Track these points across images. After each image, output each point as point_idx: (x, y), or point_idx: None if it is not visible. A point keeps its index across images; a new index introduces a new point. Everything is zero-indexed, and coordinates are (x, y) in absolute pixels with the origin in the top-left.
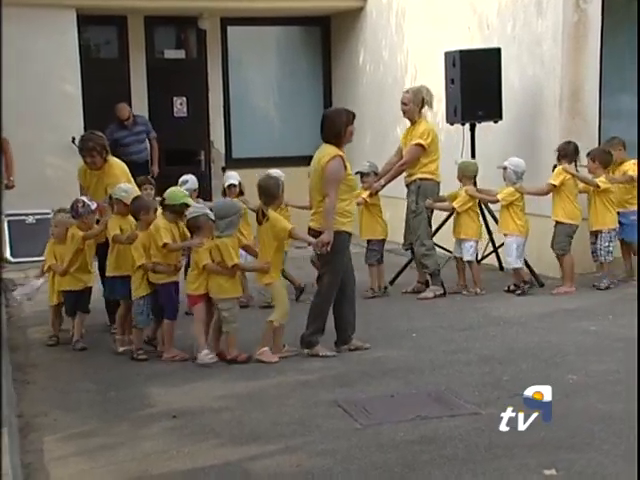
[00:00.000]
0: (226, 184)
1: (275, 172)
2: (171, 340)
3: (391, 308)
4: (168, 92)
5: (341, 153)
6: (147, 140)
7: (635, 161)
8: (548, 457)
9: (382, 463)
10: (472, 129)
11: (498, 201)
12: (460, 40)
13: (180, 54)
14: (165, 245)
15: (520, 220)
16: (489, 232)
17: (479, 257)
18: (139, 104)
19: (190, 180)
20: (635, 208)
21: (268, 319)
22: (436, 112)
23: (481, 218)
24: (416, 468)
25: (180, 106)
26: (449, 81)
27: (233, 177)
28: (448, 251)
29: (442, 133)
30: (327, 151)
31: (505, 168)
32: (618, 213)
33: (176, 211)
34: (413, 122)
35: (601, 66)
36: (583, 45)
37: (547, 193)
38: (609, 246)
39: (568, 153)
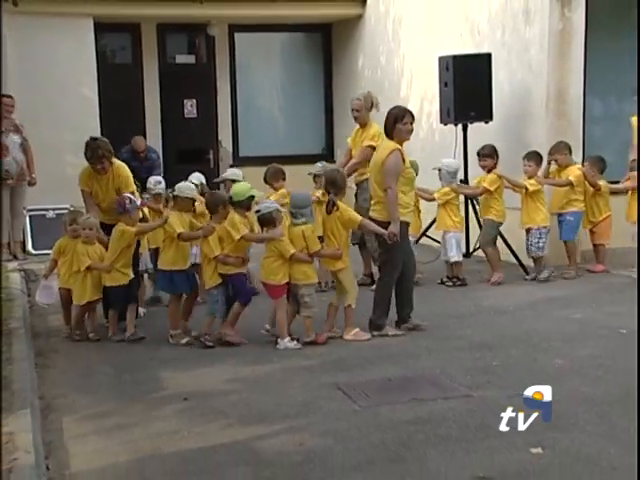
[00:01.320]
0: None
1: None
2: (234, 322)
3: None
4: (179, 95)
5: (399, 147)
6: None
7: (579, 166)
8: (535, 436)
9: (380, 442)
10: (464, 129)
11: (434, 199)
12: (453, 46)
13: (190, 59)
14: (242, 237)
15: (456, 217)
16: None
17: (471, 250)
18: (152, 106)
19: (196, 176)
20: (572, 210)
21: (345, 304)
22: (430, 113)
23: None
24: (412, 447)
25: (190, 108)
26: (443, 84)
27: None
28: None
29: (436, 133)
30: (386, 146)
31: (440, 169)
32: (559, 215)
33: (244, 205)
34: (363, 125)
35: (585, 70)
36: (568, 51)
37: (481, 194)
38: (539, 242)
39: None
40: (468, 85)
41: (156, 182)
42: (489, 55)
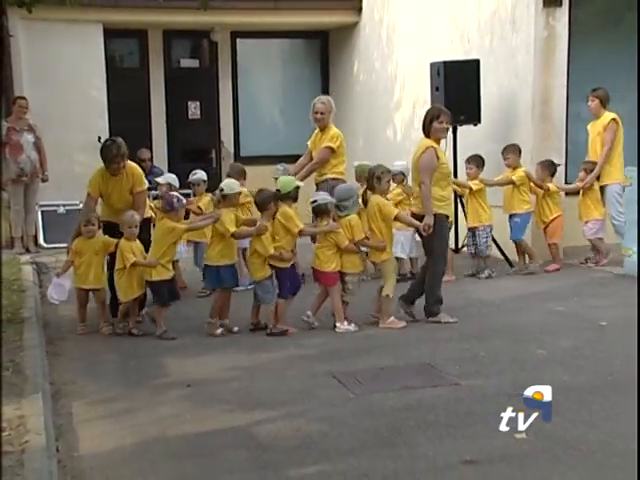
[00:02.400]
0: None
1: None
2: (283, 316)
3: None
4: (183, 97)
5: (434, 145)
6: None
7: (524, 168)
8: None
9: (373, 428)
10: (454, 131)
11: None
12: (444, 52)
13: (194, 63)
14: (301, 231)
15: None
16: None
17: (459, 246)
18: (158, 108)
19: (199, 172)
20: (519, 211)
21: (383, 294)
22: (421, 117)
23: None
24: (403, 432)
25: (194, 109)
26: (434, 88)
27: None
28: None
29: None
30: (421, 144)
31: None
32: (510, 215)
33: (291, 197)
34: (323, 128)
35: (568, 76)
36: (552, 58)
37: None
38: (487, 241)
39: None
40: (458, 90)
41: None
42: (478, 61)
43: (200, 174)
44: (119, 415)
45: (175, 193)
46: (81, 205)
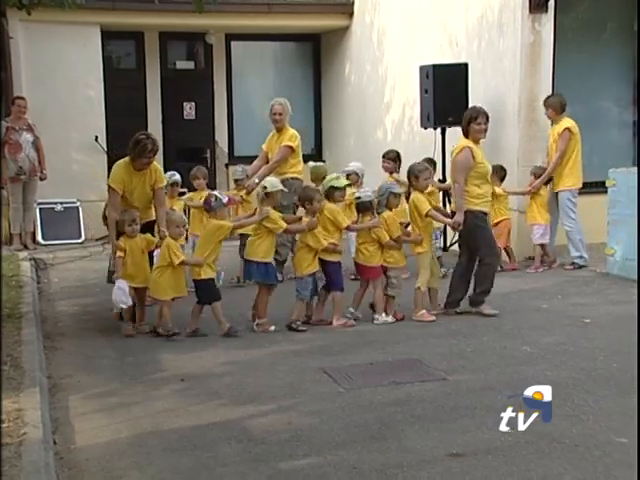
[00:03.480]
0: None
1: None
2: (340, 310)
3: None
4: (179, 98)
5: (470, 145)
6: None
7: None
8: None
9: (362, 422)
10: (443, 133)
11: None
12: (433, 56)
13: (190, 65)
14: (347, 227)
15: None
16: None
17: (448, 244)
18: (154, 108)
19: (176, 175)
20: None
21: (415, 286)
22: (411, 117)
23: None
24: (391, 426)
25: (189, 110)
26: (423, 91)
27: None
28: None
29: (417, 136)
30: (458, 144)
31: (348, 174)
32: None
33: (337, 194)
34: (280, 130)
35: (553, 80)
36: (538, 62)
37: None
38: (439, 242)
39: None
40: (446, 92)
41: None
42: (466, 65)
43: (177, 177)
44: (115, 409)
45: (215, 192)
46: (78, 203)
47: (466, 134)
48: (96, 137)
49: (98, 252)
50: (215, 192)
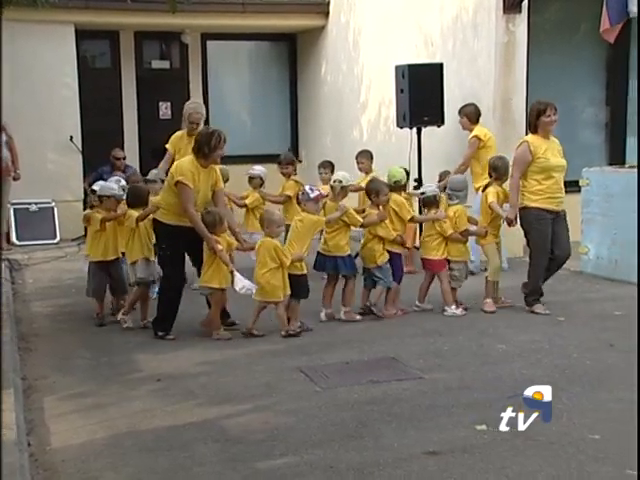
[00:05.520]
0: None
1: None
2: (395, 299)
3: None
4: (155, 97)
5: (528, 140)
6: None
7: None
8: (480, 415)
9: (339, 421)
10: (418, 132)
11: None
12: (408, 56)
13: (165, 64)
14: (412, 218)
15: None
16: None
17: None
18: (129, 108)
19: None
20: None
21: (486, 276)
22: (387, 117)
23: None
24: (368, 425)
25: (165, 110)
26: (399, 90)
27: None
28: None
29: (393, 136)
30: (523, 139)
31: (252, 177)
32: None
33: (402, 186)
34: (193, 134)
35: (527, 80)
36: (512, 62)
37: None
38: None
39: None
40: (422, 92)
41: (116, 180)
42: (441, 65)
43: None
44: (90, 410)
45: (306, 187)
46: (53, 203)
47: (535, 128)
48: (71, 137)
49: (73, 252)
50: (306, 187)
